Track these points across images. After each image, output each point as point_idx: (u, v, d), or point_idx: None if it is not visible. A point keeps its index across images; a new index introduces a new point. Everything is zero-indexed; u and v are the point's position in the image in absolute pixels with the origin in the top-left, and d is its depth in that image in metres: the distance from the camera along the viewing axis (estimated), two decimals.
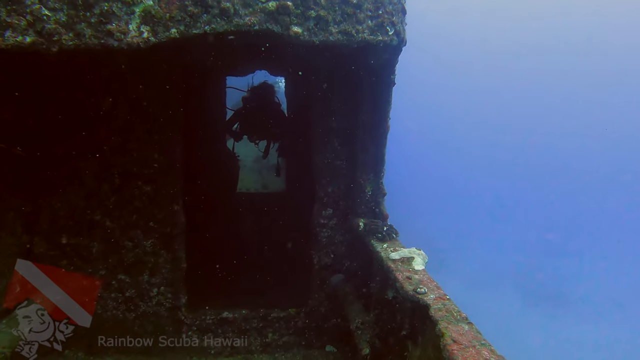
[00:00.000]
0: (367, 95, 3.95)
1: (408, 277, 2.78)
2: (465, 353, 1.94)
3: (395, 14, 3.11)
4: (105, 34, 2.61)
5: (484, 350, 1.97)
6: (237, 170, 7.17)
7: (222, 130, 6.55)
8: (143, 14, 2.66)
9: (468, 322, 2.25)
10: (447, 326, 2.17)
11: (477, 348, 1.99)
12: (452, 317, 2.28)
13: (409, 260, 3.00)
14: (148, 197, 4.16)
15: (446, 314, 2.31)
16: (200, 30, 2.76)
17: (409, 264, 2.97)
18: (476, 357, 1.90)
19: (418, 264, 2.94)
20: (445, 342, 2.06)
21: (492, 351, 1.97)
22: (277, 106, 6.34)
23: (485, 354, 1.94)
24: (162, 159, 4.13)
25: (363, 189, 4.13)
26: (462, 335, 2.10)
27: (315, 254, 4.45)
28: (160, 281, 4.31)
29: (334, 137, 4.30)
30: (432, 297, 2.51)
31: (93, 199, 4.10)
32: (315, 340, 4.57)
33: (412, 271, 2.88)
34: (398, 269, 2.91)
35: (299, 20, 2.91)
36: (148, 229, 4.21)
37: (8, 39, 2.50)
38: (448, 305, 2.42)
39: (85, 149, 4.00)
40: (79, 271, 4.18)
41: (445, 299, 2.50)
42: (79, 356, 4.30)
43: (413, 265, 2.94)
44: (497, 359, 1.92)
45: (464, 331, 2.13)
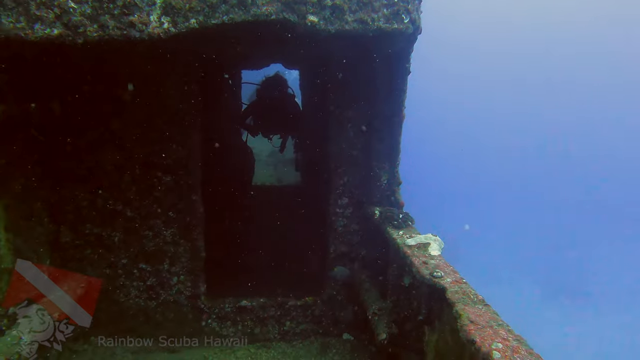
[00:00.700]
0: (382, 84, 3.99)
1: (424, 262, 2.82)
2: (483, 333, 1.97)
3: (411, 1, 3.13)
4: (127, 25, 2.71)
5: (501, 330, 2.00)
6: (253, 163, 7.25)
7: (238, 123, 6.64)
8: (164, 5, 2.75)
9: (485, 304, 2.29)
10: (464, 308, 2.21)
11: (495, 328, 2.02)
12: (468, 299, 2.32)
13: (425, 246, 3.05)
14: (167, 187, 4.26)
15: (463, 297, 2.35)
16: (219, 20, 2.83)
17: (425, 250, 3.01)
18: (493, 336, 1.93)
19: (434, 249, 2.98)
20: (463, 323, 2.09)
21: (509, 331, 2.01)
22: (291, 98, 6.38)
23: (503, 333, 1.97)
24: (180, 150, 4.23)
25: (379, 177, 4.17)
26: (479, 316, 2.13)
27: (331, 243, 4.52)
28: (180, 270, 4.41)
29: (349, 126, 4.35)
30: (448, 281, 2.54)
31: (114, 189, 4.21)
32: (332, 328, 4.64)
33: (429, 256, 2.92)
34: (414, 255, 2.96)
35: (315, 9, 2.96)
36: (168, 219, 4.32)
37: (37, 32, 2.61)
38: (465, 288, 2.46)
39: (107, 140, 4.12)
40: (103, 260, 4.32)
41: (462, 282, 2.54)
42: (105, 342, 4.41)
43: (429, 251, 2.98)
44: (515, 337, 1.95)
45: (481, 312, 2.17)
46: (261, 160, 7.97)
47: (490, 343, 1.83)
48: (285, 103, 6.23)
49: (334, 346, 4.47)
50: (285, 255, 5.88)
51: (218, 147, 5.73)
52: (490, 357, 1.74)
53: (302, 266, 5.53)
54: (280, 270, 5.55)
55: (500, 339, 1.88)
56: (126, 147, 4.17)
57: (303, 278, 5.22)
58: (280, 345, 4.51)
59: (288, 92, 6.33)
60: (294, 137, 6.91)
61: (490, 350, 1.77)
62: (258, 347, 4.48)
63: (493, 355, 1.74)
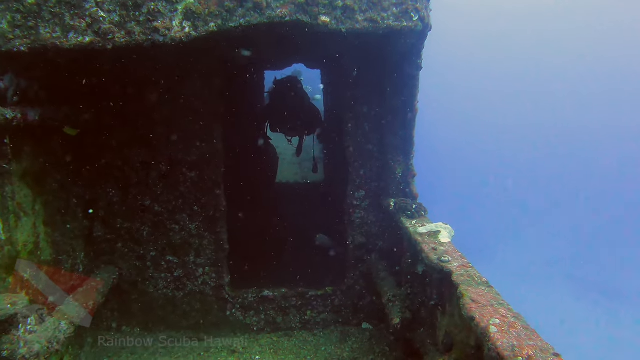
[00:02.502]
0: (395, 80, 4.10)
1: (434, 248, 2.95)
2: (483, 310, 2.09)
3: (420, 0, 3.26)
4: (152, 30, 2.92)
5: (501, 309, 2.12)
6: (276, 160, 7.44)
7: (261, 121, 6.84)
8: (185, 11, 2.95)
9: (488, 285, 2.40)
10: (467, 288, 2.33)
11: (495, 307, 2.14)
12: (472, 281, 2.44)
13: (436, 233, 3.17)
14: (192, 182, 4.48)
15: (467, 279, 2.47)
16: (236, 23, 3.01)
17: (436, 237, 3.14)
18: (493, 314, 2.05)
19: (444, 237, 3.10)
20: (465, 302, 2.22)
21: (509, 309, 2.12)
22: (304, 99, 6.44)
23: (503, 311, 2.08)
24: (204, 147, 4.44)
25: (393, 170, 4.30)
26: (481, 296, 2.25)
27: (349, 234, 4.67)
28: (205, 262, 4.63)
29: (365, 121, 4.49)
30: (455, 265, 2.67)
31: (143, 185, 4.46)
32: (352, 318, 4.79)
33: (438, 243, 3.05)
34: (425, 242, 3.09)
35: (327, 10, 3.11)
36: (193, 213, 4.54)
37: (71, 40, 2.85)
38: (470, 271, 2.57)
39: (135, 139, 4.36)
40: (133, 253, 4.57)
41: (469, 266, 2.66)
42: (135, 332, 4.69)
43: (439, 238, 3.10)
44: (514, 315, 2.06)
45: (483, 292, 2.29)
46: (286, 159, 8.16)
47: (488, 319, 1.95)
48: (300, 105, 6.31)
49: (354, 335, 4.62)
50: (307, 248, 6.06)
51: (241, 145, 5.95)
52: (488, 331, 1.87)
53: (324, 258, 5.69)
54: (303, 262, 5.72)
55: (499, 316, 1.99)
56: (153, 146, 4.41)
57: (324, 269, 5.37)
58: (301, 334, 4.68)
59: (302, 93, 6.40)
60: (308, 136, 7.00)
61: (487, 326, 1.90)
62: (280, 336, 4.66)
63: (490, 330, 1.86)
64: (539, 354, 1.68)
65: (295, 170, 10.73)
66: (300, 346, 4.49)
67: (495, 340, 1.79)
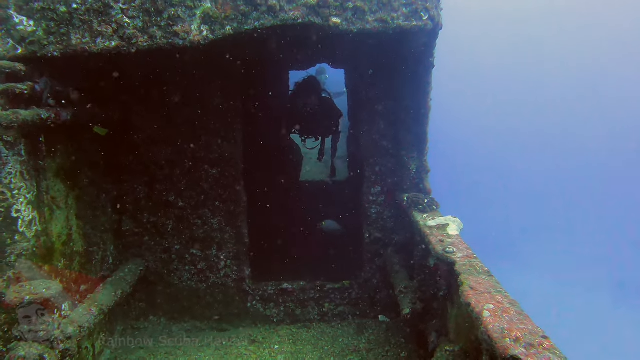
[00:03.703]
0: (408, 78, 4.20)
1: (441, 240, 3.04)
2: (480, 297, 2.18)
3: (430, 0, 3.34)
4: (172, 34, 3.11)
5: (498, 296, 2.20)
6: (300, 159, 7.55)
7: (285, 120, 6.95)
8: (203, 15, 3.13)
9: (489, 274, 2.49)
10: (468, 277, 2.43)
11: (492, 294, 2.22)
12: (474, 271, 2.52)
13: (445, 226, 3.25)
14: (214, 179, 4.69)
15: (469, 268, 2.56)
16: (251, 26, 3.17)
17: (444, 230, 3.22)
18: (489, 300, 2.14)
19: (452, 229, 3.19)
20: (464, 289, 2.31)
21: (506, 296, 2.20)
22: (327, 101, 6.49)
23: (499, 298, 2.17)
24: (225, 145, 4.63)
25: (408, 166, 4.39)
26: (480, 284, 2.34)
27: (365, 229, 4.78)
28: (226, 255, 4.83)
29: (380, 119, 4.59)
30: (459, 256, 2.76)
31: (168, 182, 4.69)
32: (369, 311, 4.90)
33: (446, 236, 3.13)
34: (433, 234, 3.18)
35: (337, 11, 3.23)
36: (215, 208, 4.74)
37: (99, 44, 3.08)
38: (473, 262, 2.66)
39: (160, 138, 4.60)
40: (159, 246, 4.81)
41: (472, 257, 2.74)
42: (162, 321, 4.93)
43: (448, 231, 3.19)
44: (510, 301, 2.14)
45: (482, 281, 2.38)
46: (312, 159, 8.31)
47: (483, 305, 2.04)
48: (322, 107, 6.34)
49: (370, 327, 4.73)
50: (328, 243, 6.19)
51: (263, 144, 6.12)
52: (481, 316, 1.96)
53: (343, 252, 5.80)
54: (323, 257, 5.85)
55: (494, 302, 2.08)
56: (177, 144, 4.63)
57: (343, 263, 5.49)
58: (320, 326, 4.82)
59: (323, 94, 6.46)
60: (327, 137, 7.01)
61: (481, 310, 1.99)
62: (299, 327, 4.81)
63: (484, 315, 1.96)
64: (528, 335, 1.76)
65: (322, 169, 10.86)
66: (318, 337, 4.62)
67: (487, 324, 1.88)
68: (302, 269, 5.36)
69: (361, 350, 4.32)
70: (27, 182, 3.11)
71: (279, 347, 4.46)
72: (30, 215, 3.15)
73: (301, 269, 5.41)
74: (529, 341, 1.72)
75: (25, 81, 3.02)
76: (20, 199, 3.06)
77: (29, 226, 3.12)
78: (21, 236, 3.06)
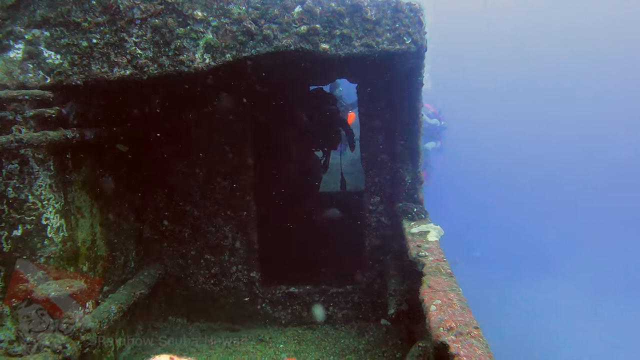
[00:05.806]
0: (401, 96, 4.49)
1: (418, 245, 3.30)
2: (434, 295, 2.44)
3: (412, 25, 3.61)
4: (178, 63, 3.52)
5: (451, 294, 2.45)
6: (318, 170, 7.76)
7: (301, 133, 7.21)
8: (205, 45, 3.53)
9: (450, 276, 2.73)
10: (430, 277, 2.69)
11: (447, 292, 2.48)
12: (438, 272, 2.78)
13: (425, 233, 3.51)
14: (226, 190, 5.08)
15: (435, 270, 2.82)
16: (248, 53, 3.55)
17: (424, 237, 3.48)
18: (441, 297, 2.40)
19: (432, 236, 3.44)
20: (422, 288, 2.58)
21: (458, 294, 2.45)
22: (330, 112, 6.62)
23: (451, 296, 2.42)
24: (235, 159, 5.03)
25: (403, 178, 4.65)
26: (438, 283, 2.60)
27: (366, 237, 5.07)
28: (237, 260, 5.20)
29: (378, 134, 4.89)
30: (430, 259, 3.01)
31: (184, 192, 5.12)
32: (370, 314, 5.16)
33: (425, 242, 3.39)
34: (413, 240, 3.44)
35: (326, 38, 3.57)
36: (226, 217, 5.13)
37: (115, 73, 3.52)
38: (440, 265, 2.91)
39: (177, 152, 5.04)
40: (176, 252, 5.24)
41: (442, 260, 2.99)
42: (179, 321, 5.35)
43: (427, 237, 3.44)
44: (459, 299, 2.39)
45: (441, 281, 2.63)
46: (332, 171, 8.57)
47: (433, 300, 2.31)
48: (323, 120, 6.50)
49: (371, 330, 4.97)
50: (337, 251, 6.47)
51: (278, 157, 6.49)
52: (429, 310, 2.23)
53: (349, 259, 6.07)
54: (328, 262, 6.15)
55: (445, 299, 2.34)
56: (192, 158, 5.06)
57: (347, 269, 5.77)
58: (324, 328, 5.11)
59: (331, 108, 6.60)
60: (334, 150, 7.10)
61: (429, 305, 2.26)
62: (304, 329, 5.12)
63: (430, 309, 2.23)
64: (462, 326, 2.02)
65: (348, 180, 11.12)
66: (321, 338, 4.91)
67: (430, 316, 2.15)
68: (309, 274, 5.67)
69: (360, 351, 4.59)
70: (55, 194, 3.56)
71: (284, 346, 4.77)
72: (58, 222, 3.59)
73: (308, 274, 5.71)
74: (461, 330, 1.97)
75: (53, 106, 3.46)
76: (49, 208, 3.51)
77: (56, 232, 3.57)
78: (50, 241, 3.50)
